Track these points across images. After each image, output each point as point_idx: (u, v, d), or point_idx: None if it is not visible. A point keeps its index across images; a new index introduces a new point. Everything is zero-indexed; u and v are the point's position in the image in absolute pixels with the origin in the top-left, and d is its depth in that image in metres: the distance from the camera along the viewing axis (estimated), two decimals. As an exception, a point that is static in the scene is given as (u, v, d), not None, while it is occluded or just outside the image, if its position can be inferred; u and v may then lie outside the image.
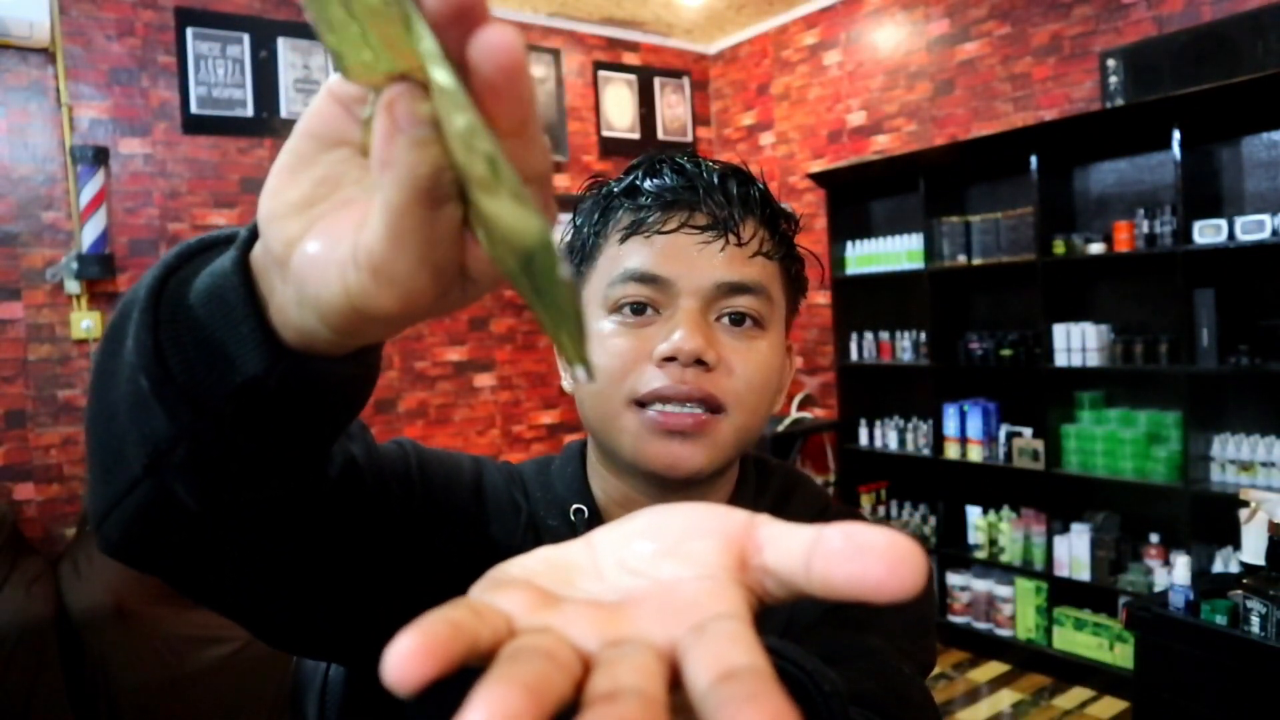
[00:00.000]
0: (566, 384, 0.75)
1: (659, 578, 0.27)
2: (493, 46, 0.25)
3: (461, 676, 0.21)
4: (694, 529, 0.28)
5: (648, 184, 0.70)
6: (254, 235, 0.36)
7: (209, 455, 0.39)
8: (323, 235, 0.32)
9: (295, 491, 0.47)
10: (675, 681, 0.22)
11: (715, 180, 0.69)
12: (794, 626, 0.69)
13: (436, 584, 0.63)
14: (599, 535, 0.30)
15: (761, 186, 0.72)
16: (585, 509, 0.72)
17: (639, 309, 0.67)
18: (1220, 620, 2.23)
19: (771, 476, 0.80)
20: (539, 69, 4.69)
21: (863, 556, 0.24)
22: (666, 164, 0.71)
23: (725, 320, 0.68)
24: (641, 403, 0.66)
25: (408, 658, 0.20)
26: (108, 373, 0.42)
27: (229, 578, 0.49)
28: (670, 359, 0.65)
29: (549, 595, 0.26)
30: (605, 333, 0.68)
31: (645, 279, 0.67)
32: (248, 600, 0.52)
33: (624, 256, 0.68)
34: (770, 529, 0.27)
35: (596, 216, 0.72)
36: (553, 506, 0.73)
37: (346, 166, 0.32)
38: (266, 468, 0.42)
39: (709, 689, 0.20)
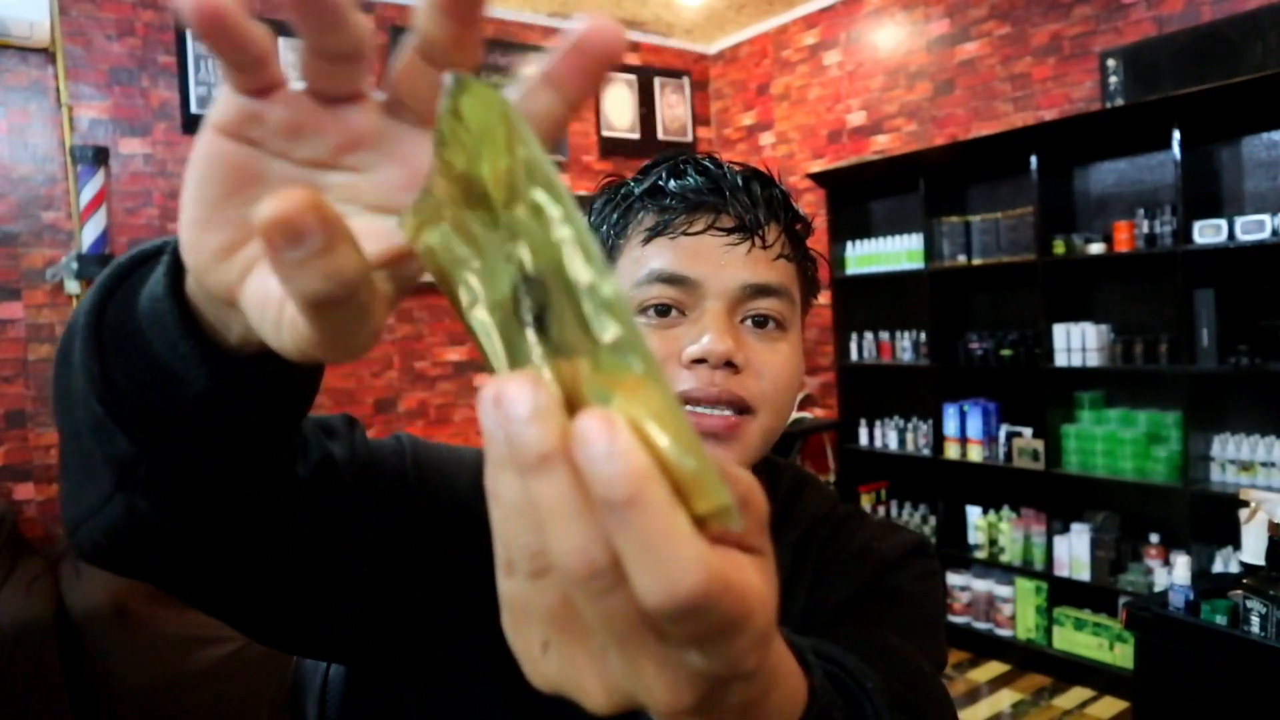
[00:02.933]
0: None
1: None
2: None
3: None
4: None
5: (671, 184, 0.70)
6: (178, 257, 0.35)
7: (172, 470, 0.40)
8: (260, 294, 0.30)
9: (261, 493, 0.46)
10: None
11: (739, 182, 0.69)
12: (811, 624, 0.69)
13: (436, 581, 0.63)
14: None
15: (782, 189, 0.72)
16: None
17: (664, 310, 0.67)
18: (1220, 620, 2.23)
19: (781, 477, 0.80)
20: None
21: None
22: (689, 164, 0.71)
23: (749, 322, 0.68)
24: None
25: None
26: (64, 394, 0.42)
27: (209, 580, 0.49)
28: (699, 361, 0.64)
29: None
30: None
31: (672, 280, 0.67)
32: (233, 601, 0.52)
33: (648, 258, 0.68)
34: None
35: (616, 217, 0.72)
36: None
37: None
38: (227, 472, 0.42)
39: None
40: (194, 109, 3.75)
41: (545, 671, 0.27)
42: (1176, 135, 3.03)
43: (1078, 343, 3.39)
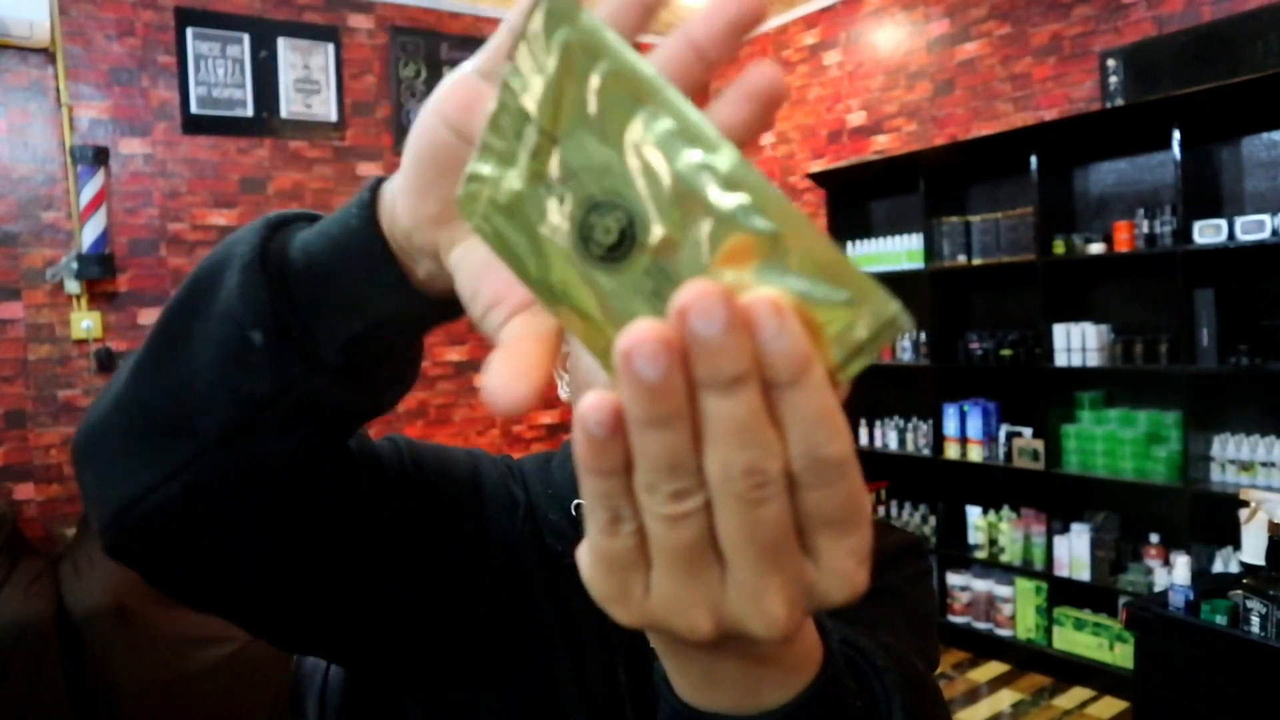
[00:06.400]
0: (563, 393, 0.75)
1: None
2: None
3: None
4: None
5: None
6: (373, 202, 0.38)
7: (309, 409, 0.41)
8: (470, 267, 0.33)
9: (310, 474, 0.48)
10: None
11: None
12: None
13: (439, 579, 0.63)
14: None
15: None
16: None
17: None
18: (1220, 620, 2.23)
19: None
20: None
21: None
22: None
23: None
24: None
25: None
26: (178, 345, 0.43)
27: (229, 569, 0.49)
28: None
29: None
30: None
31: None
32: (246, 596, 0.52)
33: None
34: None
35: None
36: (554, 501, 0.73)
37: None
38: (349, 422, 0.45)
39: None
40: (194, 109, 3.75)
41: (644, 611, 0.28)
42: (1176, 135, 3.03)
43: (1078, 343, 3.39)
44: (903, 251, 4.02)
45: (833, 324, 0.24)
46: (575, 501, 0.72)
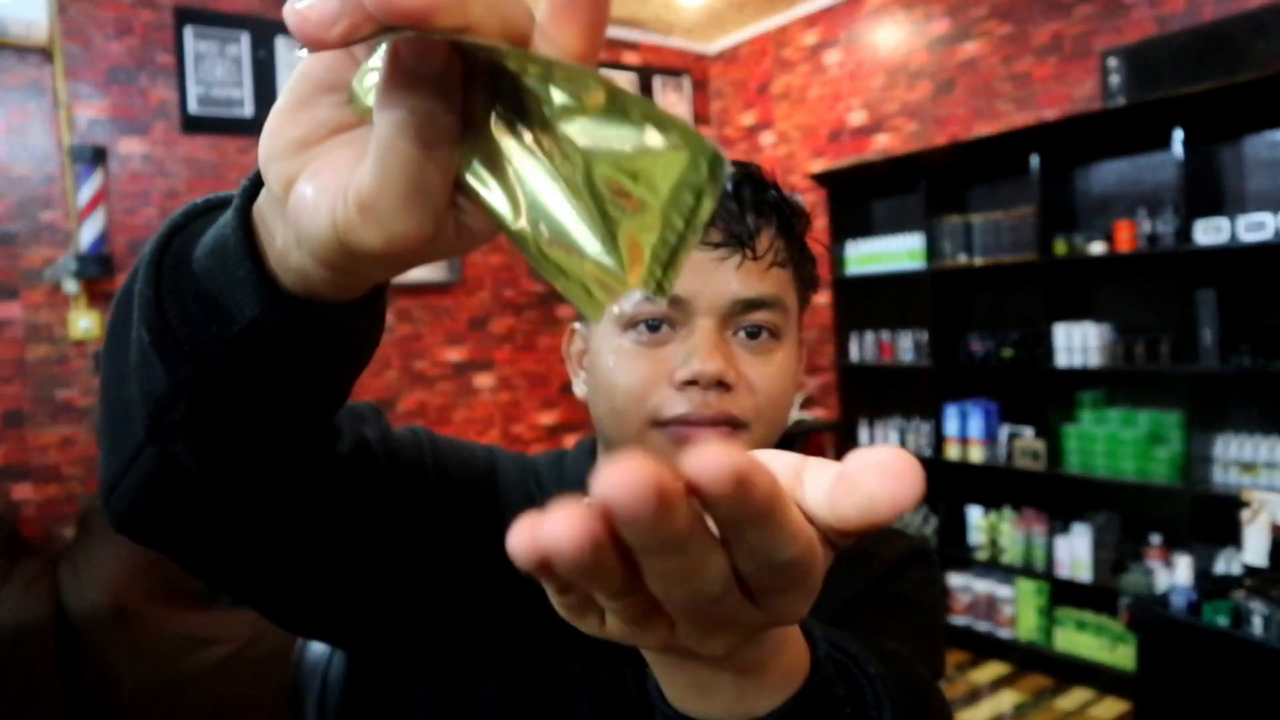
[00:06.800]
0: (579, 390, 0.75)
1: None
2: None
3: None
4: None
5: None
6: (255, 186, 0.36)
7: (207, 412, 0.39)
8: (317, 174, 0.32)
9: (299, 461, 0.46)
10: None
11: (729, 188, 0.67)
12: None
13: (449, 573, 0.63)
14: None
15: (775, 192, 0.70)
16: None
17: (654, 325, 0.66)
18: (1222, 621, 2.23)
19: None
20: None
21: (866, 477, 0.26)
22: None
23: (741, 335, 0.67)
24: (662, 423, 0.65)
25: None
26: (119, 337, 0.42)
27: (232, 552, 0.49)
28: (690, 382, 0.63)
29: None
30: (622, 350, 0.66)
31: None
32: (252, 577, 0.52)
33: None
34: (812, 470, 0.29)
35: None
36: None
37: (345, 111, 0.32)
38: (266, 427, 0.42)
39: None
40: (193, 108, 3.75)
41: (604, 633, 0.30)
42: (1178, 134, 3.02)
43: (1079, 342, 3.39)
44: (904, 251, 4.02)
45: (674, 166, 0.25)
46: (588, 501, 0.72)
